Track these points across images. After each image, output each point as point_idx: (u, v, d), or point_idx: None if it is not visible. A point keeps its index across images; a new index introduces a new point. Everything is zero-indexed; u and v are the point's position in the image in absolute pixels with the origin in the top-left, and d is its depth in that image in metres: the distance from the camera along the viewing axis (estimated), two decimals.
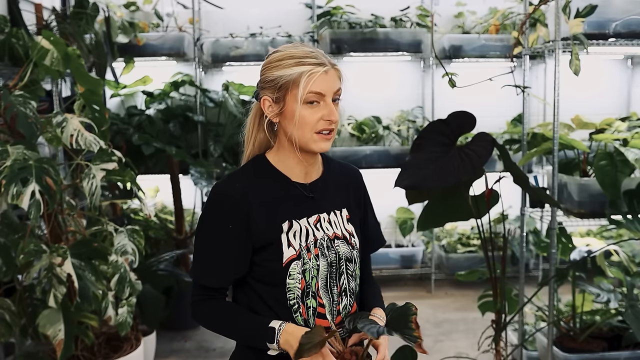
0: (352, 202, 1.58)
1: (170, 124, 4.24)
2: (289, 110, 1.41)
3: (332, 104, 1.42)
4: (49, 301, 2.28)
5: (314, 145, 1.42)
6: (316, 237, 1.46)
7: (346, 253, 1.50)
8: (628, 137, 2.81)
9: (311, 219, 1.48)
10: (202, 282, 1.46)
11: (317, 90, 1.39)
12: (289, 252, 1.42)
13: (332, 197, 1.53)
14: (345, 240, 1.51)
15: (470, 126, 2.41)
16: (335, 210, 1.52)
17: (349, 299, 1.51)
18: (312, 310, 1.45)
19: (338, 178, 1.57)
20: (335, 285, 1.48)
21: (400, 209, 4.84)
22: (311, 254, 1.44)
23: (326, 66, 1.41)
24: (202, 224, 1.47)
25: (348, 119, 4.78)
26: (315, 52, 1.42)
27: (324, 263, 1.46)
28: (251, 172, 1.49)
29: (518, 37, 2.93)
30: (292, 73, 1.39)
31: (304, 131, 1.41)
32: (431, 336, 3.90)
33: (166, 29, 4.44)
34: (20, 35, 2.78)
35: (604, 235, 4.50)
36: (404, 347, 2.28)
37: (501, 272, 2.59)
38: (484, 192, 2.53)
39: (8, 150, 2.22)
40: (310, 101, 1.40)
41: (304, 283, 1.43)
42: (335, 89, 1.43)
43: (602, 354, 2.88)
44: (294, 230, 1.44)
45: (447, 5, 4.68)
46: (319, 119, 1.41)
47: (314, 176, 1.52)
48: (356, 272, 1.54)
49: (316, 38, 4.48)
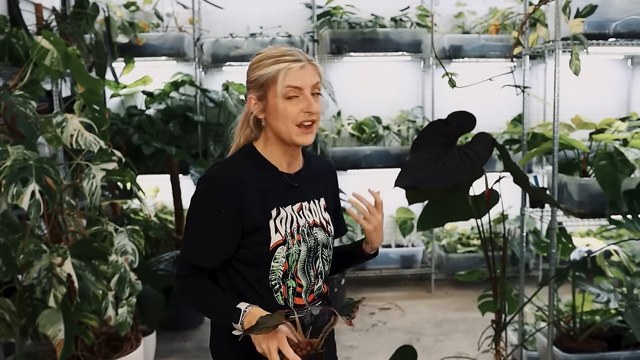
0: (329, 192, 1.71)
1: (170, 124, 4.24)
2: (271, 106, 1.52)
3: (311, 97, 1.51)
4: (49, 301, 2.28)
5: (297, 138, 1.52)
6: (299, 224, 1.57)
7: (323, 239, 1.63)
8: (628, 137, 2.81)
9: (295, 206, 1.59)
10: (193, 261, 1.53)
11: (295, 84, 1.49)
12: (276, 238, 1.53)
13: (312, 187, 1.65)
14: (322, 227, 1.64)
15: (470, 126, 2.40)
16: (314, 200, 1.65)
17: (321, 281, 1.64)
18: (292, 290, 1.57)
19: (317, 170, 1.69)
20: (311, 268, 1.61)
21: (400, 209, 4.84)
22: (294, 239, 1.56)
23: (302, 62, 1.51)
24: (195, 206, 1.54)
25: (348, 119, 4.78)
26: (292, 51, 1.52)
27: (304, 248, 1.57)
28: (244, 160, 1.58)
29: (518, 37, 2.93)
30: (271, 71, 1.50)
31: (286, 124, 1.51)
32: (431, 336, 3.90)
33: (166, 29, 4.44)
34: (20, 35, 2.78)
35: (604, 235, 4.50)
36: (404, 347, 2.29)
37: (501, 272, 2.59)
38: (484, 192, 2.53)
39: (8, 150, 2.22)
40: (289, 96, 1.50)
41: (287, 266, 1.55)
42: (313, 83, 1.52)
43: (602, 354, 2.88)
44: (280, 217, 1.55)
45: (447, 5, 4.67)
46: (300, 111, 1.50)
47: (296, 167, 1.63)
48: (330, 257, 1.67)
49: (316, 38, 4.48)
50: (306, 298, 1.60)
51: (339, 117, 4.76)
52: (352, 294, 4.65)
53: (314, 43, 4.46)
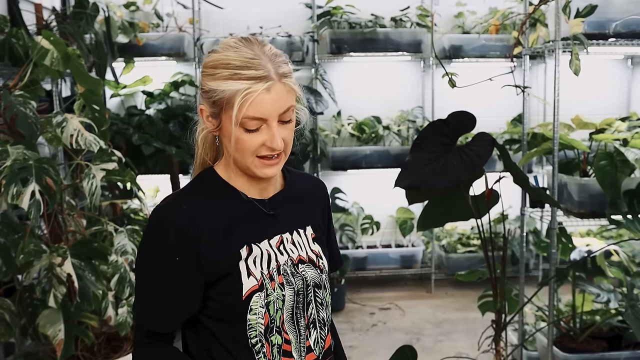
0: (318, 218, 1.36)
1: (170, 124, 4.24)
2: (226, 130, 1.17)
3: (276, 127, 1.16)
4: (49, 301, 2.27)
5: (256, 170, 1.20)
6: (279, 263, 1.24)
7: (314, 278, 1.28)
8: (628, 137, 2.81)
9: (273, 240, 1.25)
10: (148, 327, 1.22)
11: (255, 115, 1.13)
12: (249, 283, 1.19)
13: (294, 214, 1.31)
14: (312, 263, 1.29)
15: (470, 126, 2.40)
16: (298, 229, 1.31)
17: (319, 331, 1.28)
18: (277, 348, 1.22)
19: (301, 191, 1.35)
20: (302, 317, 1.25)
21: (400, 209, 4.84)
22: (275, 282, 1.21)
23: (269, 81, 1.12)
24: (143, 255, 1.22)
25: (348, 119, 4.78)
26: (258, 59, 1.14)
27: (290, 292, 1.23)
28: (199, 190, 1.26)
29: (518, 37, 2.93)
30: (226, 89, 1.13)
31: (244, 155, 1.18)
32: (431, 336, 3.90)
33: (166, 29, 4.44)
34: (20, 35, 2.78)
35: (604, 235, 4.50)
36: (404, 347, 2.28)
37: (501, 272, 2.59)
38: (484, 192, 2.53)
39: (8, 150, 2.21)
40: (247, 128, 1.15)
41: (268, 318, 1.20)
42: (281, 110, 1.15)
43: (602, 354, 2.88)
44: (254, 255, 1.22)
45: (447, 5, 4.67)
46: (260, 144, 1.17)
47: (272, 191, 1.29)
48: (326, 300, 1.31)
49: (316, 38, 4.48)
50: (301, 357, 1.25)
51: (339, 117, 4.76)
52: (352, 294, 4.65)
53: (314, 43, 4.47)
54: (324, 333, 1.30)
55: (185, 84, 4.46)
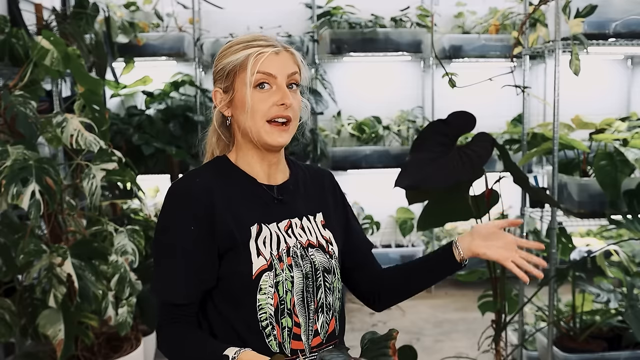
0: (330, 206, 1.42)
1: (170, 124, 4.24)
2: (239, 98, 1.27)
3: (285, 87, 1.26)
4: (49, 301, 2.27)
5: (267, 136, 1.26)
6: (288, 245, 1.28)
7: (323, 263, 1.32)
8: (628, 137, 2.81)
9: (281, 224, 1.30)
10: (167, 298, 1.26)
11: (267, 70, 1.25)
12: (259, 262, 1.24)
13: (303, 201, 1.36)
14: (322, 248, 1.33)
15: (470, 126, 2.40)
16: (308, 215, 1.36)
17: (325, 315, 1.32)
18: (288, 331, 1.26)
19: (308, 181, 1.41)
20: (312, 300, 1.29)
21: (400, 209, 4.84)
22: (284, 263, 1.26)
23: (277, 47, 1.27)
24: (160, 229, 1.28)
25: (348, 119, 4.78)
26: (266, 36, 1.30)
27: (298, 274, 1.27)
28: (212, 169, 1.33)
29: (518, 37, 2.93)
30: (240, 57, 1.26)
31: (255, 120, 1.26)
32: (431, 336, 3.90)
33: (166, 29, 4.44)
34: (20, 35, 2.78)
35: (604, 235, 4.49)
36: (404, 347, 2.28)
37: (501, 272, 2.59)
38: (484, 192, 2.53)
39: (8, 150, 2.21)
40: (259, 83, 1.25)
41: (277, 298, 1.25)
42: (289, 72, 1.27)
43: (602, 354, 2.88)
44: (263, 235, 1.27)
45: (447, 5, 4.68)
46: (272, 104, 1.25)
47: (280, 179, 1.35)
48: (335, 285, 1.35)
49: (316, 38, 4.48)
50: (308, 341, 1.29)
51: (339, 117, 4.76)
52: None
53: (314, 43, 4.46)
54: (328, 317, 1.34)
55: (185, 84, 4.46)
